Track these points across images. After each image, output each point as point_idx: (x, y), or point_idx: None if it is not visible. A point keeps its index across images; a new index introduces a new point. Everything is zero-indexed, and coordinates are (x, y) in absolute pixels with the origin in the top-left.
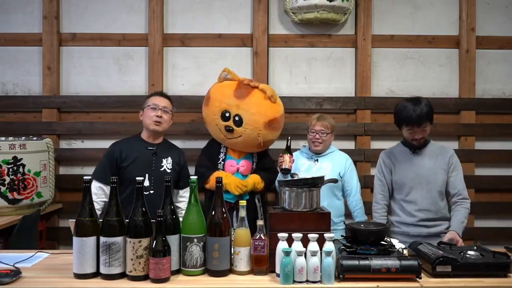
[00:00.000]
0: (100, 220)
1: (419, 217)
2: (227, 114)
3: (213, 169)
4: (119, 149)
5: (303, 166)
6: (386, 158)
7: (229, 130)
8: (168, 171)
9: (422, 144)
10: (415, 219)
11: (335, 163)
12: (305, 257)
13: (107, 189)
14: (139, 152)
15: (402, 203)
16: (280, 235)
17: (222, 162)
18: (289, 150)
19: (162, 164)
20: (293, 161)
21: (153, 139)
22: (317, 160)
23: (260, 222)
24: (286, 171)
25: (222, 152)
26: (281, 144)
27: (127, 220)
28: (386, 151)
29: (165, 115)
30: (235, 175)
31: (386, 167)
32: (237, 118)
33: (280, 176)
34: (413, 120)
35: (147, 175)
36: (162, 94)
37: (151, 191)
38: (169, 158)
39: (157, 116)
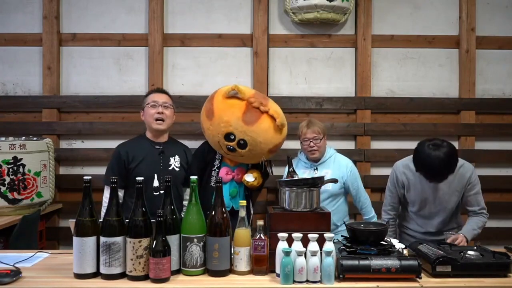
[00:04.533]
0: (100, 220)
1: (431, 227)
2: (232, 137)
3: (204, 175)
4: (125, 150)
5: (302, 176)
6: (401, 173)
7: (231, 149)
8: (177, 169)
9: None
10: (427, 229)
11: (334, 169)
12: (305, 257)
13: (120, 192)
14: (146, 152)
15: (413, 215)
16: (280, 235)
17: (217, 170)
18: (294, 171)
19: (170, 163)
20: None
21: (158, 138)
22: (316, 168)
23: (260, 222)
24: None
25: (218, 159)
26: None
27: (127, 220)
28: (402, 163)
29: (166, 111)
30: (229, 183)
31: (399, 182)
32: (242, 142)
33: None
34: (435, 179)
35: (155, 175)
36: (160, 90)
37: (161, 191)
38: (177, 156)
39: (158, 113)
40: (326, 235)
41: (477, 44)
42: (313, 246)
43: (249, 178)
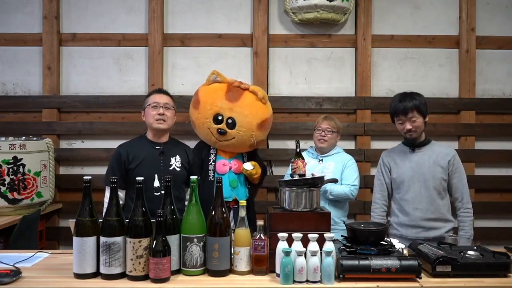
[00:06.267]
0: (100, 220)
1: (416, 216)
2: (220, 117)
3: (202, 172)
4: (125, 151)
5: (307, 165)
6: (386, 157)
7: (221, 132)
8: (178, 170)
9: (420, 141)
10: (413, 218)
11: (338, 162)
12: (305, 257)
13: (122, 192)
14: (146, 153)
15: (400, 202)
16: (280, 235)
17: (213, 163)
18: (300, 155)
19: (170, 163)
20: (306, 165)
21: (159, 138)
22: (321, 160)
23: (260, 222)
24: (301, 176)
25: (212, 154)
26: (275, 144)
27: (127, 220)
28: (386, 150)
29: (167, 112)
30: (227, 174)
31: (385, 166)
32: (230, 121)
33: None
34: (399, 109)
35: (156, 175)
36: (161, 91)
37: (162, 192)
38: (177, 156)
39: (159, 114)
40: (326, 235)
41: (477, 44)
42: (313, 246)
43: (248, 166)
